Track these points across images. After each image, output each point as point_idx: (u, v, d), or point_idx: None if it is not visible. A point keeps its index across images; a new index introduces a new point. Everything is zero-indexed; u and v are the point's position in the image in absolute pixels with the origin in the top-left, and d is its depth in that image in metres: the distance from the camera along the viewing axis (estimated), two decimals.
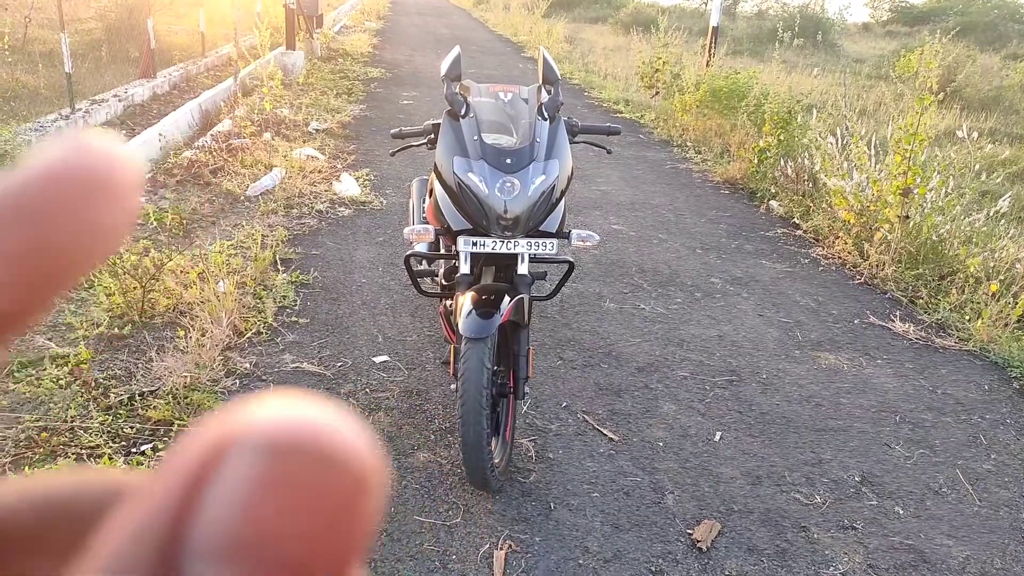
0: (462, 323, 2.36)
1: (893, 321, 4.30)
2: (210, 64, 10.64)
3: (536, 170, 2.52)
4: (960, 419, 3.36)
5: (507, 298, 2.45)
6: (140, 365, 3.20)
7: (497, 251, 2.54)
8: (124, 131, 6.95)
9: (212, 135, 6.75)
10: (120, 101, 7.57)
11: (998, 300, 4.25)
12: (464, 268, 2.62)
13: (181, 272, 3.92)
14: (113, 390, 2.99)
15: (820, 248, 5.45)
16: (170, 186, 5.60)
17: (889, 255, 4.98)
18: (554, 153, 2.60)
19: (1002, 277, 4.47)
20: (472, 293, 2.47)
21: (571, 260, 2.81)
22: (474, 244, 2.55)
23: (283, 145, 6.58)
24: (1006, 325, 4.16)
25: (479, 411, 2.30)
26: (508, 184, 2.47)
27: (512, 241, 2.53)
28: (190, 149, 6.43)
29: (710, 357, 3.74)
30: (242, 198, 5.49)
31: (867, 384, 3.61)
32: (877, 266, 5.00)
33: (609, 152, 3.19)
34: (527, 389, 2.62)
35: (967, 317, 4.30)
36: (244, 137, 6.66)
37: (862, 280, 4.94)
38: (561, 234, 2.64)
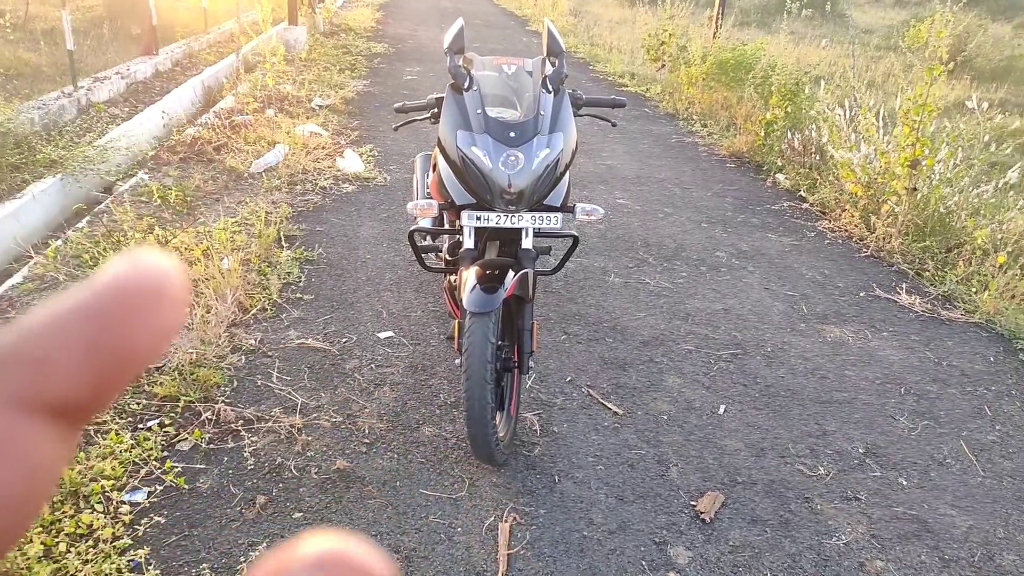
0: (466, 298, 2.36)
1: (899, 293, 4.28)
2: (212, 40, 10.56)
3: (540, 143, 2.50)
4: (965, 391, 3.36)
5: (511, 273, 2.44)
6: None
7: (501, 225, 2.53)
8: (127, 108, 6.93)
9: (215, 112, 6.72)
10: (123, 78, 7.53)
11: (1005, 272, 4.22)
12: (468, 243, 2.62)
13: (186, 249, 3.92)
14: None
15: (827, 221, 5.42)
16: (173, 163, 5.59)
17: (896, 227, 4.95)
18: (558, 126, 2.57)
19: (1010, 249, 4.44)
20: (476, 268, 2.46)
21: (575, 234, 2.79)
22: (478, 219, 2.54)
23: (286, 121, 6.55)
24: (1013, 297, 4.14)
25: (484, 385, 2.30)
26: (512, 158, 2.45)
27: (516, 215, 2.52)
28: (193, 126, 6.41)
29: (715, 330, 3.74)
30: (245, 175, 5.48)
31: (872, 356, 3.60)
32: (884, 239, 4.97)
33: (614, 125, 3.16)
34: (532, 363, 2.62)
35: (974, 289, 4.28)
36: (247, 113, 6.62)
37: (868, 253, 4.91)
38: (565, 208, 2.63)
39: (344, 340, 3.42)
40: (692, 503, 2.54)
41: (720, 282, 4.31)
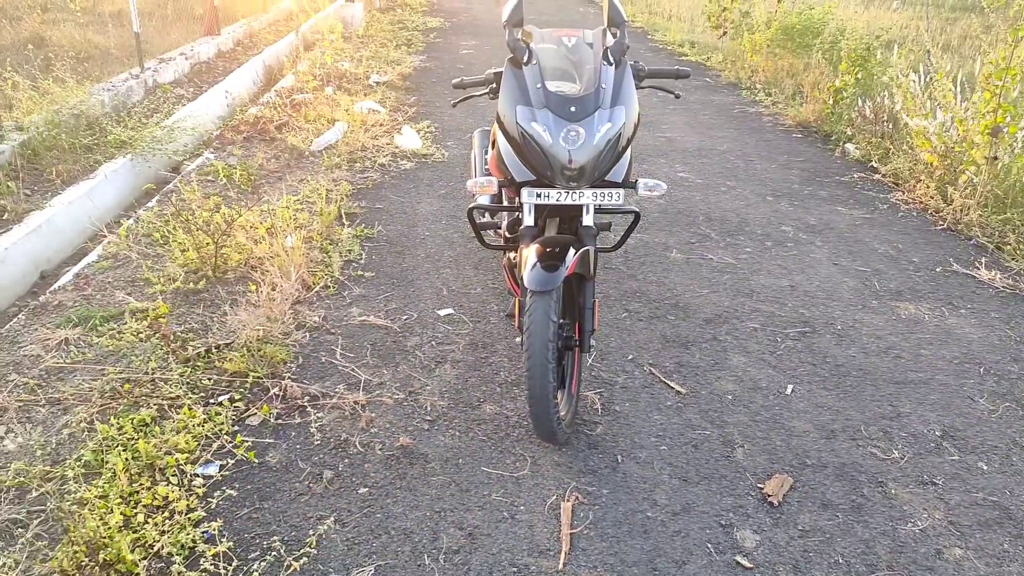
0: (527, 276, 2.34)
1: (978, 268, 4.09)
2: (272, 19, 10.69)
3: (602, 118, 2.44)
4: None
5: (572, 250, 2.40)
6: (215, 319, 3.29)
7: (562, 203, 2.49)
8: (191, 88, 7.07)
9: (276, 91, 6.82)
10: (187, 59, 7.69)
11: None
12: (528, 220, 2.58)
13: (251, 227, 3.99)
14: (191, 343, 3.09)
15: (900, 193, 5.20)
16: (237, 142, 5.70)
17: (975, 199, 4.72)
18: (620, 100, 2.51)
19: None
20: (536, 246, 2.43)
21: (637, 210, 2.74)
22: (538, 196, 2.51)
23: (344, 99, 6.59)
24: None
25: (545, 364, 2.28)
26: (573, 133, 2.40)
27: (577, 192, 2.47)
28: (255, 105, 6.51)
29: (781, 308, 3.63)
30: (306, 153, 5.54)
31: (949, 334, 3.45)
32: (961, 211, 4.74)
33: (677, 97, 3.07)
34: (593, 342, 2.59)
35: None
36: (307, 92, 6.69)
37: (945, 226, 4.70)
38: (627, 184, 2.57)
39: (405, 317, 3.44)
40: (759, 486, 2.48)
41: (786, 257, 4.18)
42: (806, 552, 2.23)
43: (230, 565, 2.08)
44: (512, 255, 2.91)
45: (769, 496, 2.42)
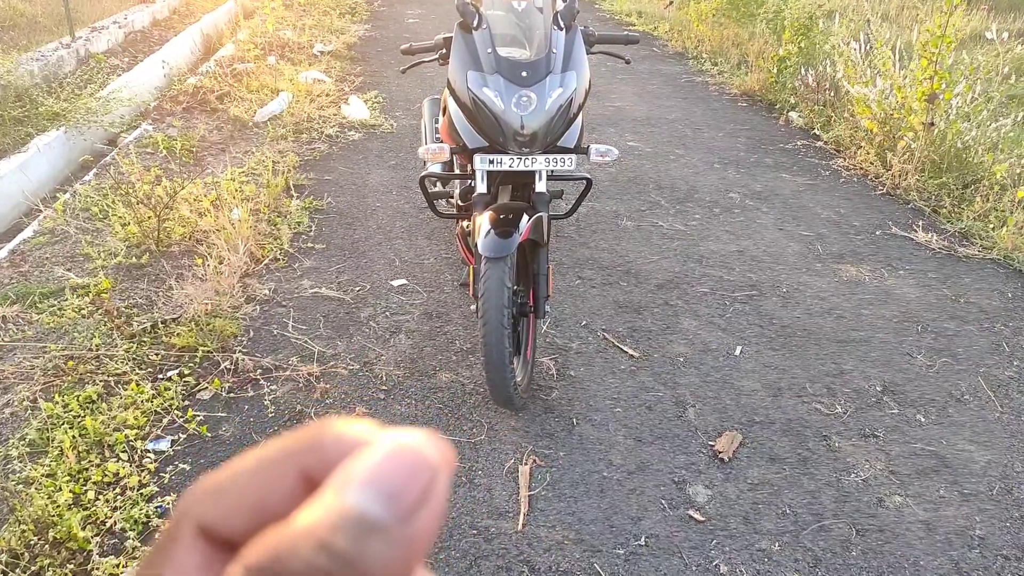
0: (481, 242, 2.34)
1: (916, 231, 4.23)
2: None
3: (553, 83, 2.43)
4: (983, 327, 3.34)
5: (525, 216, 2.41)
6: (160, 293, 3.22)
7: (515, 168, 2.49)
8: (126, 58, 6.81)
9: (216, 60, 6.61)
10: (120, 28, 7.39)
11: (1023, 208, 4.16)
12: (481, 187, 2.58)
13: (195, 200, 3.89)
14: (136, 318, 3.02)
15: (841, 159, 5.33)
16: (177, 114, 5.52)
17: (912, 164, 4.86)
18: (571, 65, 2.50)
19: None
20: (490, 213, 2.43)
21: (589, 176, 2.74)
22: (491, 162, 2.50)
23: (288, 69, 6.44)
24: None
25: (501, 330, 2.29)
26: (525, 98, 2.39)
27: (530, 158, 2.47)
28: (195, 76, 6.30)
29: (730, 272, 3.71)
30: (250, 124, 5.41)
31: (889, 295, 3.58)
32: (900, 176, 4.89)
33: (628, 62, 3.08)
34: (547, 308, 2.61)
35: (991, 226, 4.22)
36: (248, 61, 6.51)
37: (884, 191, 4.84)
38: (580, 149, 2.58)
39: (358, 288, 3.41)
40: (710, 443, 2.55)
41: (734, 223, 4.26)
42: (755, 504, 2.30)
43: None
44: (465, 223, 2.90)
45: (720, 452, 2.49)
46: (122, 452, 2.32)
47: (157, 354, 2.82)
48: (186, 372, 2.74)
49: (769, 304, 3.44)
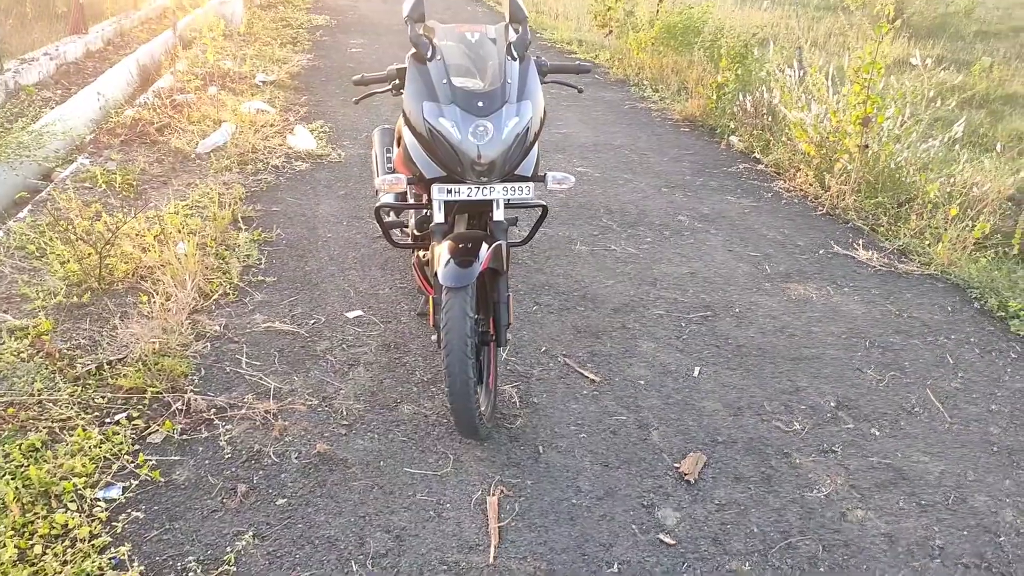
0: (441, 273, 2.32)
1: (857, 249, 4.37)
2: (144, 17, 10.12)
3: (509, 112, 2.45)
4: (927, 340, 3.45)
5: (485, 245, 2.40)
6: (104, 333, 3.09)
7: (473, 198, 2.49)
8: (59, 91, 6.61)
9: (154, 91, 6.46)
10: (52, 59, 7.17)
11: (956, 224, 4.34)
12: (439, 217, 2.56)
13: (137, 236, 3.77)
14: (79, 360, 2.89)
15: (782, 181, 5.49)
16: (115, 147, 5.37)
17: (849, 185, 5.04)
18: (526, 94, 2.52)
19: (960, 200, 4.56)
20: (449, 242, 2.42)
21: (544, 204, 2.77)
22: (449, 192, 2.49)
23: (231, 99, 6.33)
24: (964, 248, 4.26)
25: (465, 360, 2.27)
26: (481, 128, 2.39)
27: (488, 187, 2.47)
28: (132, 107, 6.15)
29: (684, 294, 3.77)
30: (192, 156, 5.29)
31: (836, 312, 3.68)
32: (838, 196, 5.06)
33: (580, 91, 3.12)
34: (508, 335, 2.60)
35: (927, 242, 4.40)
36: (188, 92, 6.38)
37: (824, 211, 5.00)
38: (536, 177, 2.59)
39: (312, 322, 3.34)
40: (675, 465, 2.56)
41: (684, 246, 4.34)
42: (724, 525, 2.32)
43: None
44: (422, 253, 2.88)
45: (686, 475, 2.50)
46: (70, 502, 2.20)
47: (103, 397, 2.70)
48: (135, 415, 2.63)
49: (723, 324, 3.50)
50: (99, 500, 2.24)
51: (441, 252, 2.40)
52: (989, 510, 2.44)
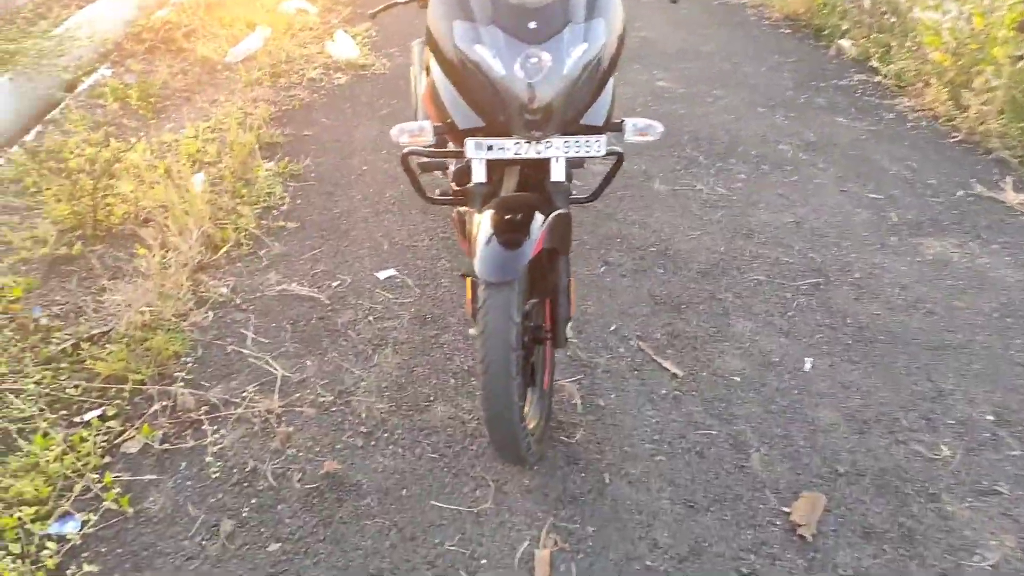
0: (479, 259, 1.71)
1: (1004, 191, 3.52)
2: None
3: (574, 36, 1.74)
4: None
5: (539, 217, 1.77)
6: (90, 299, 2.61)
7: (522, 156, 1.83)
8: None
9: None
10: None
11: None
12: (479, 174, 1.92)
13: (145, 168, 3.25)
14: (56, 333, 2.43)
15: (906, 99, 4.56)
16: (138, 55, 4.81)
17: (994, 105, 4.11)
18: (597, 10, 1.80)
19: None
20: (491, 212, 1.79)
21: (620, 150, 2.06)
22: (489, 148, 1.83)
23: None
24: None
25: (507, 378, 1.68)
26: (534, 60, 1.70)
27: (543, 142, 1.80)
28: (168, 7, 5.53)
29: (788, 252, 3.05)
30: (220, 66, 4.70)
31: (984, 279, 2.92)
32: (978, 119, 4.14)
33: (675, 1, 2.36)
34: (569, 333, 1.99)
35: None
36: None
37: (960, 137, 4.10)
38: (611, 127, 1.90)
39: (336, 284, 2.80)
40: (784, 509, 1.96)
41: (787, 184, 3.57)
42: None
43: None
44: (462, 208, 2.27)
45: (799, 526, 1.90)
46: (13, 541, 1.76)
47: (76, 386, 2.24)
48: (110, 413, 2.16)
49: (840, 296, 2.80)
50: (50, 537, 1.80)
51: (481, 224, 1.78)
52: None
